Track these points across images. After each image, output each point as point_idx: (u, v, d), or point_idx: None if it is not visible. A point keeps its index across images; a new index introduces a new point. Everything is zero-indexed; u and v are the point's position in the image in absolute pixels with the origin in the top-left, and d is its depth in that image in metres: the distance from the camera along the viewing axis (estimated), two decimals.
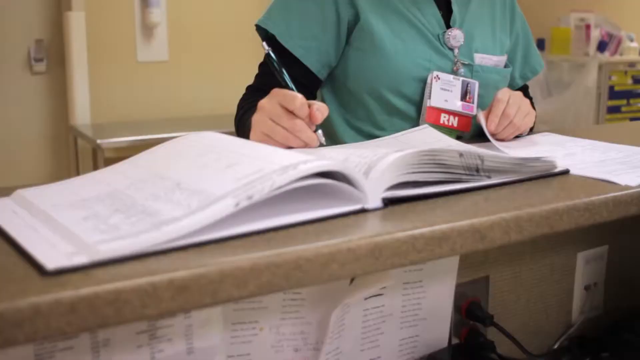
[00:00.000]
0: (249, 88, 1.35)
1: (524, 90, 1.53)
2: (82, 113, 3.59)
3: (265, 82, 1.31)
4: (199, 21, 3.95)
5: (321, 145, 1.02)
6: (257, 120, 1.02)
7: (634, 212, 0.88)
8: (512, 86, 1.48)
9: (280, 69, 1.09)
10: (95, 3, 3.63)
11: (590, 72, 4.76)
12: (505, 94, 1.25)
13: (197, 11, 3.94)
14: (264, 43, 1.12)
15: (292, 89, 1.05)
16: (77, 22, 3.52)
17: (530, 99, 1.52)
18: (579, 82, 4.78)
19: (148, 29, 3.78)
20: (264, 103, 1.02)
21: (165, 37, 3.85)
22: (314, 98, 1.37)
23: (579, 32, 4.94)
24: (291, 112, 0.98)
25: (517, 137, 1.30)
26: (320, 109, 0.98)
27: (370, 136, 1.34)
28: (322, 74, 1.32)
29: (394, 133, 1.32)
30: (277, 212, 0.69)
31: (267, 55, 1.11)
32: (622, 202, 0.86)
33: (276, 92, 1.01)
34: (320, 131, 1.01)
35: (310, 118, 0.98)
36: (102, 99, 3.69)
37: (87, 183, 0.81)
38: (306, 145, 1.00)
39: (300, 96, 0.98)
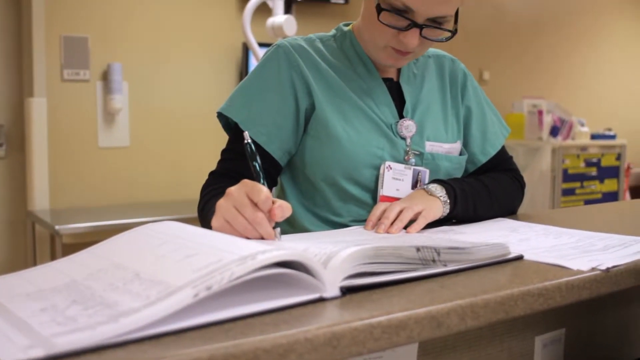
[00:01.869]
0: (211, 174, 1.35)
1: (498, 159, 1.51)
2: (40, 198, 3.56)
3: (228, 167, 1.32)
4: (160, 107, 4.00)
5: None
6: (222, 205, 1.02)
7: (586, 296, 0.90)
8: (474, 164, 1.48)
9: (257, 161, 1.07)
10: (57, 89, 3.65)
11: (544, 156, 4.90)
12: (380, 207, 1.27)
13: (158, 98, 3.99)
14: (246, 133, 1.08)
15: (261, 181, 1.05)
16: (38, 108, 3.53)
17: (511, 170, 1.52)
18: (534, 166, 4.91)
19: (110, 115, 3.81)
20: (232, 190, 1.01)
21: (126, 123, 3.87)
22: (276, 184, 1.38)
23: (532, 118, 5.11)
24: (256, 205, 0.99)
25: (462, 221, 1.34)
26: (282, 206, 0.97)
27: (328, 222, 1.35)
28: (283, 161, 1.34)
29: (350, 219, 1.34)
30: (235, 302, 0.69)
31: (245, 146, 1.08)
32: (575, 286, 0.88)
33: (245, 182, 1.00)
34: (278, 229, 1.00)
35: (269, 213, 0.98)
36: (61, 185, 3.67)
37: (44, 273, 0.80)
38: (263, 239, 1.00)
39: (266, 190, 0.96)
